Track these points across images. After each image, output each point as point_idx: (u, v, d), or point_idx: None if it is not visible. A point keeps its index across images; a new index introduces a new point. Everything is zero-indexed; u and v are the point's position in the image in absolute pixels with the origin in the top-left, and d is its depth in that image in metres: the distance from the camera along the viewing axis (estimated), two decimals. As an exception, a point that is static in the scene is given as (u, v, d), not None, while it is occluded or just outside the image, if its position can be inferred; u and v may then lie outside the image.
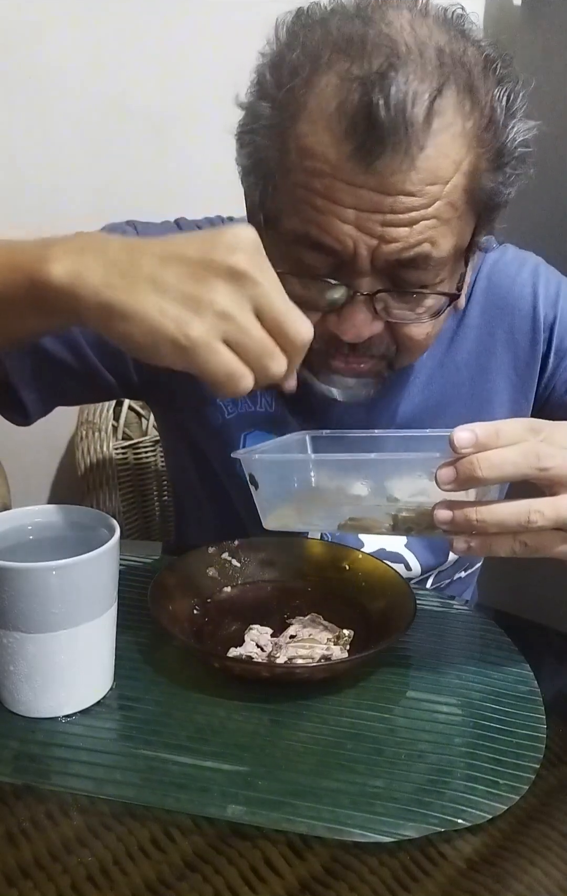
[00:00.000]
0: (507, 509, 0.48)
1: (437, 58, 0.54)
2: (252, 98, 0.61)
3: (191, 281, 0.46)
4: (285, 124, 0.58)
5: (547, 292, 0.77)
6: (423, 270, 0.59)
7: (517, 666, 0.59)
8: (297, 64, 0.56)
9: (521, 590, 1.30)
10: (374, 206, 0.55)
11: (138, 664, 0.57)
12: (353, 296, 0.59)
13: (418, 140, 0.53)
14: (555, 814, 0.46)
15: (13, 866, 0.41)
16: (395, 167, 0.54)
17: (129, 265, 0.47)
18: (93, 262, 0.47)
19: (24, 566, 0.47)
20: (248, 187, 0.64)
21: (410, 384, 0.77)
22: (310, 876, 0.41)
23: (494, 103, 0.57)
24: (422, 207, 0.56)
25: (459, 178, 0.57)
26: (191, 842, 0.43)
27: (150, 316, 0.45)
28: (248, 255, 0.47)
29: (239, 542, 0.70)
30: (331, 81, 0.55)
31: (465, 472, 0.47)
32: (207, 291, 0.46)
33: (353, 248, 0.57)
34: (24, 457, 1.27)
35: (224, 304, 0.46)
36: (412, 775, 0.47)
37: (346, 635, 0.59)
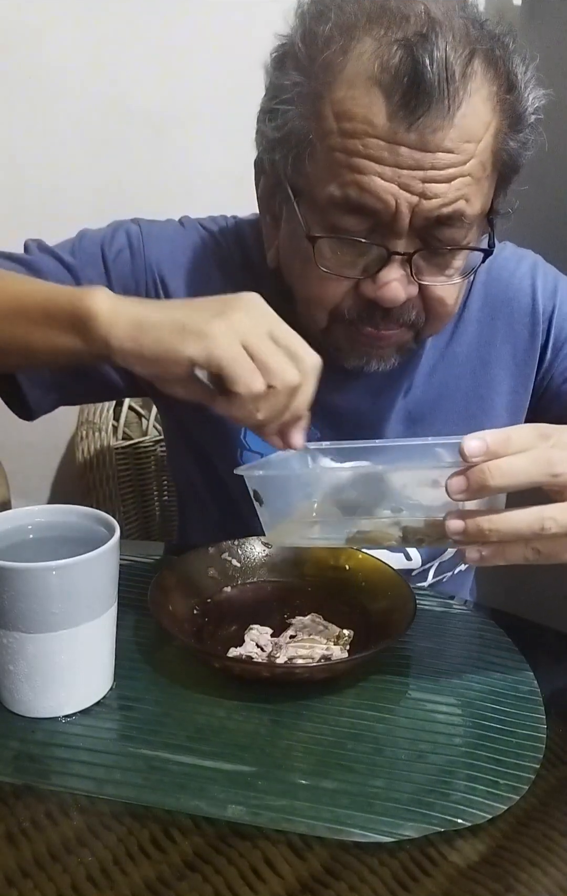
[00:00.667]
0: (519, 517, 0.48)
1: (464, 26, 0.57)
2: (278, 73, 0.62)
3: (216, 307, 0.55)
4: (320, 91, 0.59)
5: (545, 285, 0.78)
6: (457, 228, 0.61)
7: (517, 666, 0.59)
8: (329, 35, 0.58)
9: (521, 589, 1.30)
10: (416, 164, 0.57)
11: (138, 664, 0.57)
12: (390, 257, 0.61)
13: (458, 98, 0.56)
14: (555, 814, 0.46)
15: (13, 866, 0.41)
16: (436, 124, 0.57)
17: (161, 306, 0.57)
18: (131, 303, 0.57)
19: (24, 566, 0.47)
20: (275, 161, 0.64)
21: (414, 375, 0.78)
22: (310, 876, 0.41)
23: (512, 71, 0.60)
24: (459, 164, 0.58)
25: (488, 138, 0.60)
26: (191, 842, 0.43)
27: (178, 321, 0.53)
28: (262, 303, 0.56)
29: (239, 542, 0.70)
30: (368, 47, 0.57)
31: (476, 481, 0.47)
32: (229, 311, 0.54)
33: (395, 205, 0.59)
34: (24, 457, 1.27)
35: (242, 316, 0.53)
36: (412, 775, 0.47)
37: (346, 635, 0.60)
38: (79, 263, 0.72)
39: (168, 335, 0.53)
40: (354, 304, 0.65)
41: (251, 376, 0.52)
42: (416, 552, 0.79)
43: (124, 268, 0.74)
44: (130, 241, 0.74)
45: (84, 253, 0.73)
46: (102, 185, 1.17)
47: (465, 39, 0.57)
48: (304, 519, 0.57)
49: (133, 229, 0.76)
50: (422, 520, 0.53)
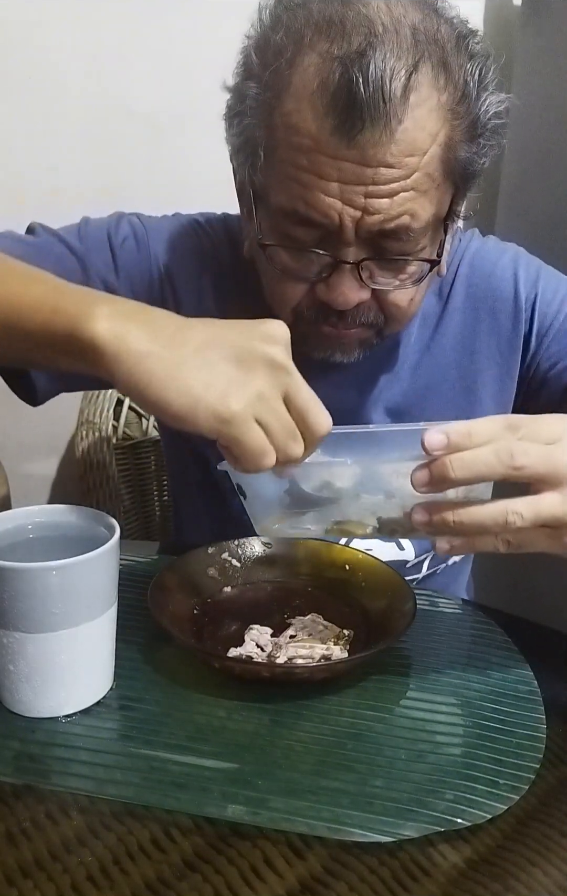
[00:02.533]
0: (484, 511, 0.48)
1: (412, 35, 0.56)
2: (239, 79, 0.63)
3: (235, 363, 0.49)
4: (271, 103, 0.60)
5: (527, 274, 0.79)
6: (404, 241, 0.62)
7: (517, 666, 0.59)
8: (280, 45, 0.58)
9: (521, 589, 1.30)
10: (357, 179, 0.58)
11: (138, 664, 0.57)
12: (339, 265, 0.62)
13: (397, 114, 0.56)
14: (555, 814, 0.46)
15: (13, 866, 0.41)
16: (375, 140, 0.56)
17: (176, 341, 0.50)
18: (138, 328, 0.50)
19: (24, 566, 0.47)
20: (238, 166, 0.66)
21: (399, 369, 0.79)
22: (310, 876, 0.41)
23: (467, 77, 0.59)
24: (401, 178, 0.58)
25: (436, 149, 0.59)
26: (191, 842, 0.43)
27: (194, 388, 0.48)
28: (284, 348, 0.51)
29: (239, 542, 0.70)
30: (313, 61, 0.57)
31: (438, 474, 0.47)
32: (250, 375, 0.49)
33: (338, 220, 0.59)
34: (25, 457, 1.27)
35: (262, 387, 0.49)
36: (412, 775, 0.48)
37: (346, 635, 0.60)
38: (85, 249, 0.72)
39: (178, 403, 0.48)
40: (311, 304, 0.66)
41: (260, 459, 0.50)
42: (409, 542, 0.79)
43: (130, 256, 0.74)
44: (135, 231, 0.75)
45: (91, 238, 0.73)
46: (102, 185, 1.17)
47: (413, 49, 0.56)
48: (285, 511, 0.58)
49: (135, 220, 0.77)
50: (398, 511, 0.54)
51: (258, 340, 0.51)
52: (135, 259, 0.74)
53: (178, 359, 0.49)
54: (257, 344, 0.50)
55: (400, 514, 0.54)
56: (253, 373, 0.49)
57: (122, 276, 0.74)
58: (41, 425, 1.26)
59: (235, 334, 0.51)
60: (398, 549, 0.79)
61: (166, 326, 0.51)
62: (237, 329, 0.52)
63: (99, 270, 0.72)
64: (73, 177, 1.16)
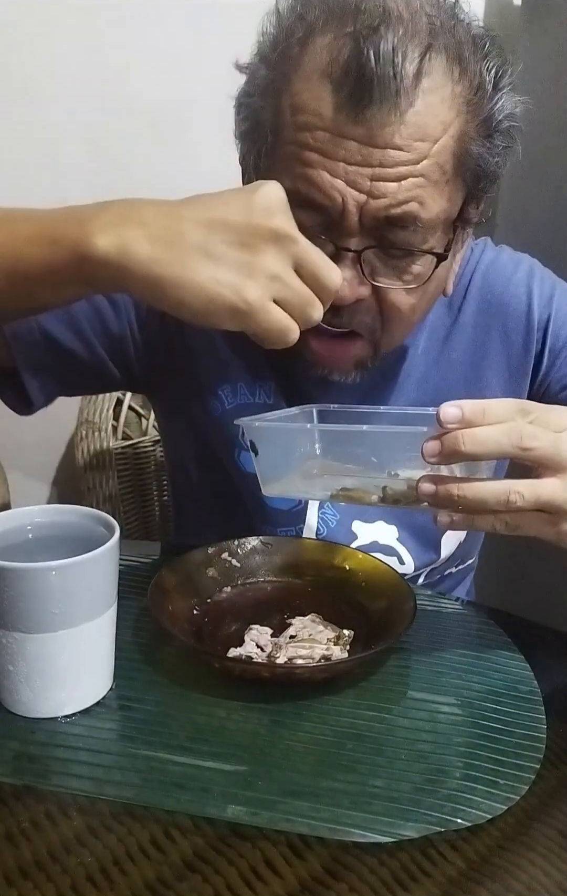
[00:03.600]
0: (487, 488, 0.49)
1: (428, 24, 0.56)
2: (252, 64, 0.62)
3: (240, 248, 0.50)
4: (280, 84, 0.59)
5: (542, 292, 0.77)
6: (410, 231, 0.60)
7: (517, 666, 0.59)
8: (293, 28, 0.59)
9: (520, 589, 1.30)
10: (364, 160, 0.57)
11: (138, 664, 0.57)
12: (341, 253, 0.61)
13: (407, 94, 0.55)
14: (555, 814, 0.46)
15: (13, 866, 0.41)
16: (383, 119, 0.56)
17: (175, 235, 0.50)
18: (136, 234, 0.50)
19: (24, 566, 0.47)
20: (244, 153, 0.66)
21: (406, 381, 0.78)
22: (310, 876, 0.41)
23: (483, 73, 0.59)
24: (410, 163, 0.57)
25: (447, 140, 0.58)
26: (191, 842, 0.43)
27: (207, 285, 0.49)
28: (285, 214, 0.51)
29: (239, 542, 0.70)
30: (325, 40, 0.57)
31: (449, 446, 0.48)
32: (258, 257, 0.50)
33: (342, 203, 0.58)
34: (24, 457, 1.27)
35: (273, 267, 0.50)
36: (412, 775, 0.47)
37: (346, 635, 0.59)
38: None
39: (195, 302, 0.49)
40: None
41: (283, 338, 0.52)
42: (410, 557, 0.79)
43: None
44: None
45: None
46: (102, 185, 1.17)
47: (425, 35, 0.56)
48: (295, 473, 0.59)
49: None
50: (404, 482, 0.55)
51: (260, 214, 0.50)
52: None
53: (183, 257, 0.49)
54: (258, 219, 0.50)
55: (405, 486, 0.55)
56: (260, 254, 0.50)
57: None
58: (41, 425, 1.25)
59: (233, 213, 0.50)
60: (399, 563, 0.79)
61: (159, 220, 0.51)
62: (233, 205, 0.51)
63: None
64: (73, 175, 1.16)
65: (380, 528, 0.78)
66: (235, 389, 0.78)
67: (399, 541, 0.79)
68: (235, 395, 0.78)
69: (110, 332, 0.74)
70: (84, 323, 0.72)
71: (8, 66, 1.09)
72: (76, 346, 0.73)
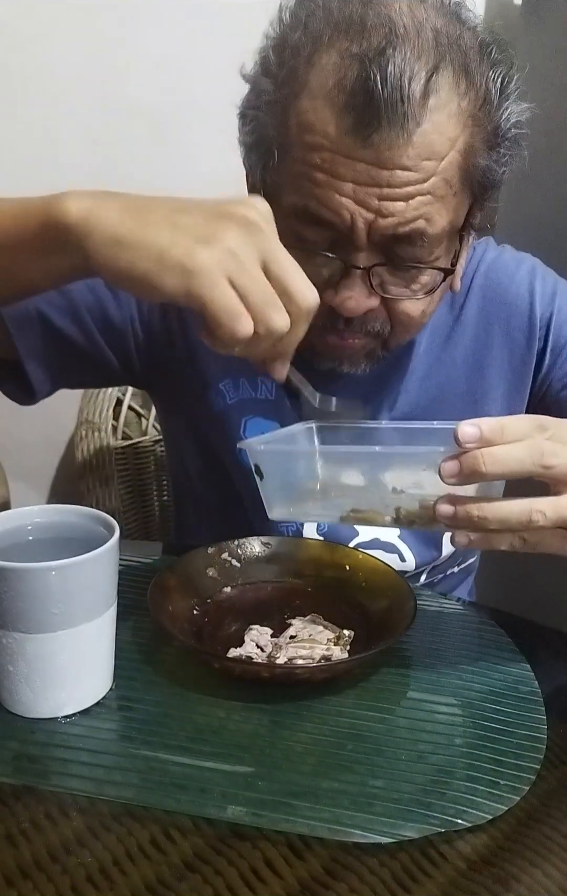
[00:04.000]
0: (509, 508, 0.48)
1: (433, 38, 0.56)
2: (256, 76, 0.62)
3: (204, 222, 0.48)
4: (287, 101, 0.59)
5: (544, 290, 0.77)
6: (418, 247, 0.60)
7: (517, 666, 0.59)
8: (299, 43, 0.58)
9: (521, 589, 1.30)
10: (372, 180, 0.57)
11: (138, 664, 0.57)
12: (349, 270, 0.61)
13: (415, 115, 0.55)
14: (555, 814, 0.46)
15: (13, 867, 0.41)
16: (391, 141, 0.56)
17: (145, 208, 0.50)
18: (109, 203, 0.50)
19: (24, 566, 0.47)
20: (250, 165, 0.66)
21: (408, 379, 0.78)
22: (310, 877, 0.41)
23: (489, 84, 0.58)
24: (417, 182, 0.57)
25: (454, 155, 0.58)
26: (191, 843, 0.43)
27: (160, 244, 0.47)
28: (261, 213, 0.50)
29: (239, 542, 0.70)
30: (331, 59, 0.57)
31: (469, 467, 0.47)
32: (219, 230, 0.48)
33: (351, 221, 0.58)
34: (24, 457, 1.27)
35: (233, 243, 0.47)
36: (412, 776, 0.47)
37: (346, 635, 0.59)
38: None
39: (145, 262, 0.47)
40: (320, 311, 0.62)
41: (234, 322, 0.47)
42: (411, 554, 0.79)
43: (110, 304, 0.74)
44: None
45: None
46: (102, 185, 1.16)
47: (434, 51, 0.55)
48: (301, 495, 0.58)
49: None
50: (417, 502, 0.54)
51: (235, 205, 0.49)
52: None
53: (145, 222, 0.48)
54: (232, 207, 0.49)
55: (417, 506, 0.54)
56: (224, 229, 0.48)
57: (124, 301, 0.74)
58: (41, 425, 1.26)
59: (210, 202, 0.50)
60: (400, 560, 0.79)
61: (137, 198, 0.51)
62: (212, 200, 0.50)
63: None
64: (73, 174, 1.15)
65: None
66: (237, 384, 0.78)
67: (400, 538, 0.79)
68: (237, 389, 0.78)
69: (111, 322, 0.75)
70: (84, 311, 0.73)
71: (8, 65, 1.09)
72: (76, 335, 0.73)
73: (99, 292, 0.73)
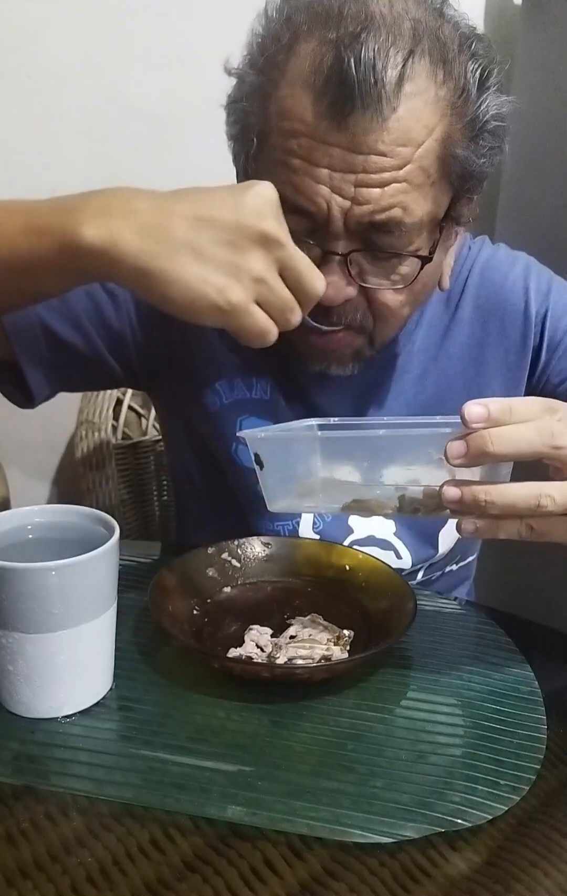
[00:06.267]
0: (517, 491, 0.47)
1: (411, 28, 0.57)
2: (241, 70, 0.63)
3: (227, 248, 0.50)
4: (267, 89, 0.60)
5: (538, 287, 0.78)
6: (395, 236, 0.61)
7: (517, 666, 0.59)
8: (279, 34, 0.59)
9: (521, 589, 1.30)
10: (347, 166, 0.57)
11: (138, 664, 0.57)
12: (327, 257, 0.61)
13: (389, 100, 0.56)
14: (555, 814, 0.46)
15: (12, 867, 0.41)
16: (366, 125, 0.56)
17: (163, 229, 0.50)
18: (124, 225, 0.50)
19: (24, 566, 0.47)
20: (235, 154, 0.66)
21: (404, 377, 0.78)
22: (310, 877, 0.41)
23: (468, 76, 0.59)
24: (393, 168, 0.57)
25: (432, 143, 0.58)
26: (190, 843, 0.43)
27: (193, 283, 0.50)
28: (275, 217, 0.51)
29: (239, 542, 0.70)
30: (309, 47, 0.57)
31: (476, 447, 0.46)
32: (244, 258, 0.50)
33: (327, 209, 0.59)
34: (24, 457, 1.27)
35: (258, 269, 0.50)
36: (412, 776, 0.47)
37: (346, 635, 0.59)
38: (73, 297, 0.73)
39: (179, 297, 0.50)
40: None
41: (262, 339, 0.52)
42: (407, 552, 0.79)
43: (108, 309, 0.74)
44: None
45: None
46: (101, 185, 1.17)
47: (409, 40, 0.56)
48: (302, 485, 0.57)
49: None
50: (420, 489, 0.53)
51: (249, 214, 0.50)
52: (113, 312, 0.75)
53: (171, 252, 0.50)
54: (247, 220, 0.50)
55: (422, 494, 0.53)
56: (247, 255, 0.50)
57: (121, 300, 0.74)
58: (41, 425, 1.26)
59: (223, 211, 0.51)
60: (396, 557, 0.79)
61: (149, 214, 0.51)
62: (224, 203, 0.51)
63: None
64: (72, 173, 1.15)
65: (377, 522, 0.78)
66: (232, 385, 0.78)
67: (396, 535, 0.79)
68: (232, 390, 0.78)
69: (110, 326, 0.75)
70: (83, 317, 0.73)
71: (8, 65, 1.09)
72: (75, 339, 0.73)
73: (97, 296, 0.74)
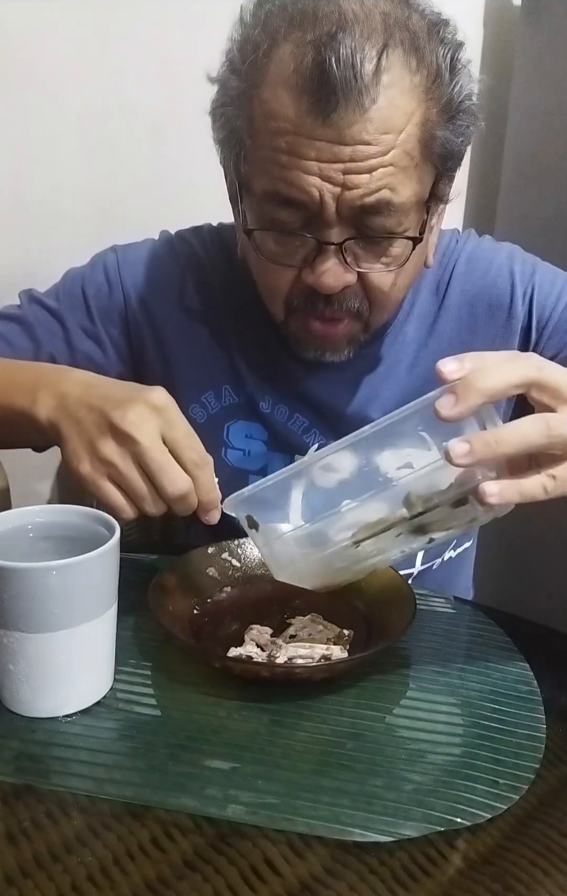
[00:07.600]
0: (519, 425, 0.47)
1: (382, 21, 0.59)
2: (223, 76, 0.65)
3: (95, 429, 0.57)
4: (250, 93, 0.62)
5: (523, 269, 0.80)
6: (385, 217, 0.63)
7: (517, 666, 0.59)
8: (258, 40, 0.61)
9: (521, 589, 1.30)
10: (335, 157, 0.60)
11: (138, 664, 0.57)
12: (323, 247, 0.64)
13: (369, 93, 0.58)
14: (554, 813, 0.46)
15: (13, 866, 0.41)
16: (349, 119, 0.58)
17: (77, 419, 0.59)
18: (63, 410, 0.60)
19: (24, 566, 0.47)
20: (224, 161, 0.69)
21: (396, 367, 0.79)
22: (310, 876, 0.41)
23: (439, 61, 0.61)
24: (378, 155, 0.60)
25: (412, 128, 0.61)
26: (191, 841, 0.43)
27: (67, 450, 0.59)
28: (139, 417, 0.56)
29: (239, 542, 0.70)
30: (287, 50, 0.60)
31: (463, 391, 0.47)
32: (99, 441, 0.56)
33: (319, 197, 0.61)
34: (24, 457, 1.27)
35: (107, 453, 0.56)
36: (412, 775, 0.48)
37: (346, 635, 0.60)
38: (63, 308, 0.80)
39: (64, 454, 0.59)
40: (300, 292, 0.68)
41: (116, 513, 0.56)
42: None
43: (102, 302, 0.80)
44: (108, 275, 0.81)
45: (68, 296, 0.81)
46: (101, 186, 1.17)
47: (382, 34, 0.58)
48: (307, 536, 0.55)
49: (110, 261, 0.81)
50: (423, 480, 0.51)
51: (118, 412, 0.56)
52: (106, 304, 0.80)
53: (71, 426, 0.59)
54: (115, 415, 0.56)
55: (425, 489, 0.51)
56: (102, 442, 0.56)
57: (98, 320, 0.81)
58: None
59: (110, 404, 0.57)
60: None
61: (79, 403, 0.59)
62: (117, 396, 0.58)
63: (78, 321, 0.80)
64: (72, 176, 1.16)
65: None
66: (219, 393, 0.81)
67: None
68: (220, 398, 0.81)
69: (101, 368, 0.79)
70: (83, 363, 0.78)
71: (7, 65, 1.09)
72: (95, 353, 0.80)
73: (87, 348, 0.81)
